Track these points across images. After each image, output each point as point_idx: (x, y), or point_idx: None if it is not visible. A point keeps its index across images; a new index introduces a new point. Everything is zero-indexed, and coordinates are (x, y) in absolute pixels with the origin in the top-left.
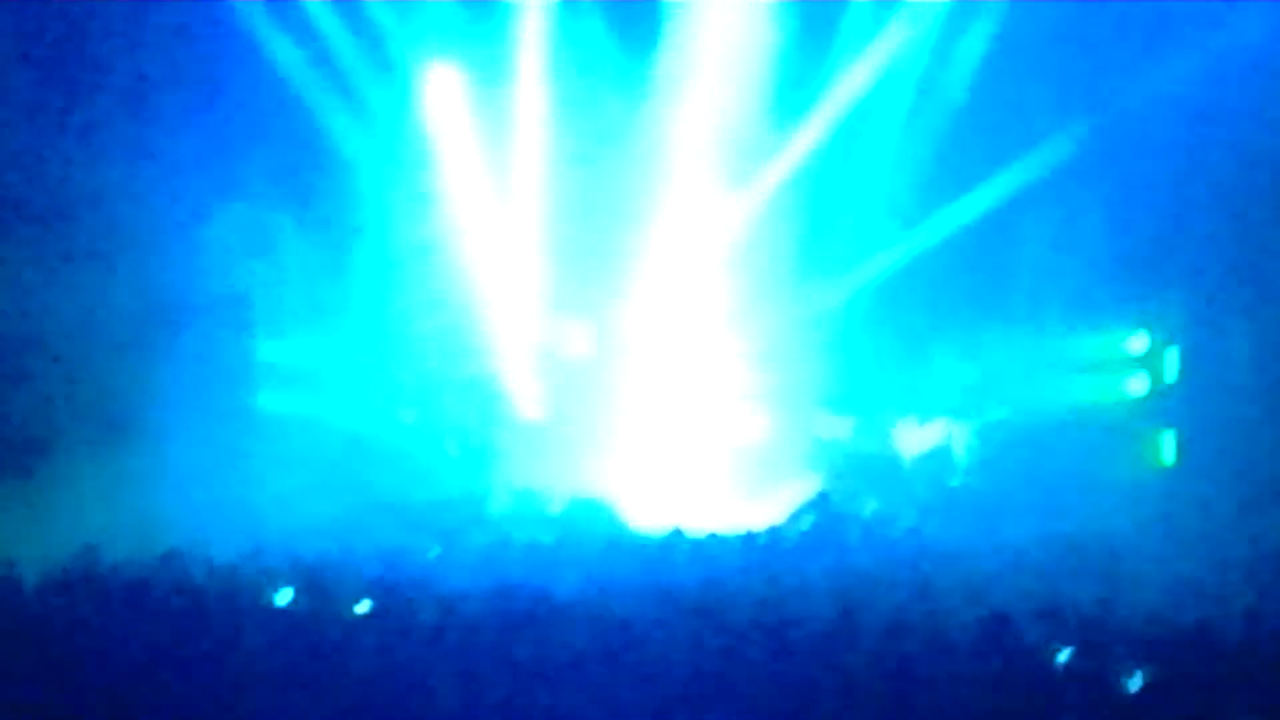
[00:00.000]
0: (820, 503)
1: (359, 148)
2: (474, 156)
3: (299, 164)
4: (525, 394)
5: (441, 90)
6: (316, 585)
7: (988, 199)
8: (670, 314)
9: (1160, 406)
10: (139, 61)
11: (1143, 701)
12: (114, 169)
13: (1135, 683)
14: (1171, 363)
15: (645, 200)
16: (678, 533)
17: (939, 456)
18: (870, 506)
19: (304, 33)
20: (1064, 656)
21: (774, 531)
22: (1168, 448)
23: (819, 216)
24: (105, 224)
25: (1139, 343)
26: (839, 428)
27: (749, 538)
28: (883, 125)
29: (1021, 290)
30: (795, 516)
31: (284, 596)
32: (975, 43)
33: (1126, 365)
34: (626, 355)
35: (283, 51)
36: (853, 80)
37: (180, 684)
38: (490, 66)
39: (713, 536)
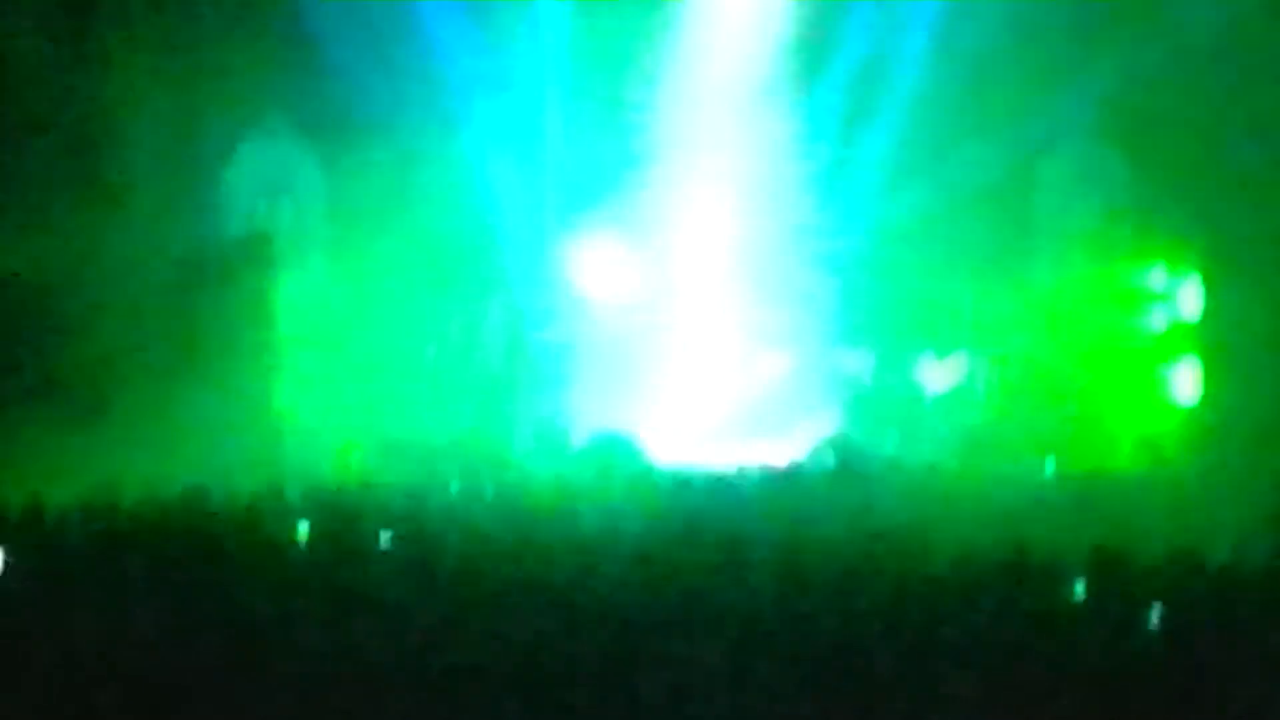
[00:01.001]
0: (841, 439)
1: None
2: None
3: (326, 94)
4: (548, 329)
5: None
6: (337, 520)
7: (1009, 137)
8: (691, 252)
9: (1181, 341)
10: None
11: (1163, 639)
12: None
13: (1154, 620)
14: (1193, 298)
15: (666, 142)
16: (699, 468)
17: (960, 392)
18: (891, 442)
19: None
20: (1083, 592)
21: (795, 467)
22: (1189, 383)
23: (839, 156)
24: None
25: (1159, 277)
26: (860, 364)
27: (770, 473)
28: (904, 67)
29: (1042, 225)
30: (816, 453)
31: (302, 531)
32: None
33: (1148, 299)
34: (648, 292)
35: None
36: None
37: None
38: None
39: (734, 472)
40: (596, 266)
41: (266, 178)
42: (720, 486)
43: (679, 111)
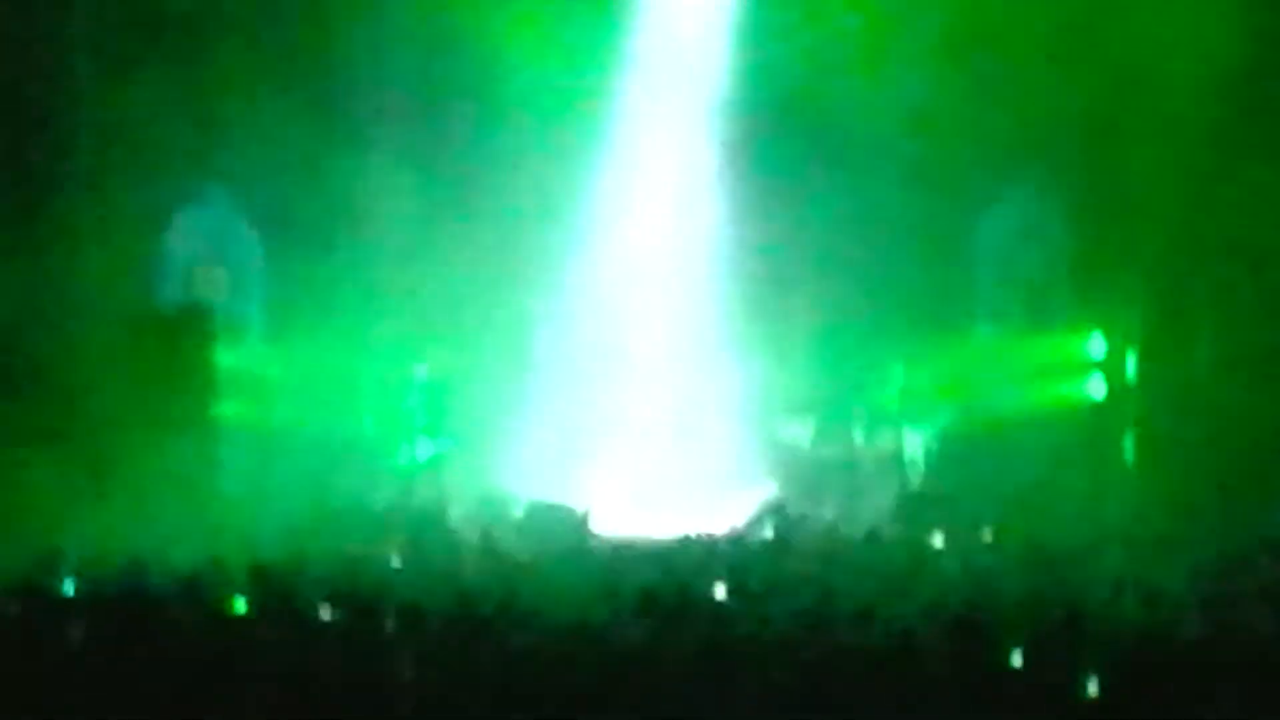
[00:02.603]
0: (779, 508)
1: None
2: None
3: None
4: (486, 398)
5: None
6: (275, 593)
7: (947, 200)
8: (630, 320)
9: (1120, 409)
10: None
11: (1103, 706)
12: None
13: (1094, 688)
14: (1130, 364)
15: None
16: (639, 538)
17: (898, 460)
18: (830, 511)
19: None
20: (1023, 661)
21: (734, 537)
22: (1128, 450)
23: (778, 219)
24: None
25: (1097, 345)
26: (798, 432)
27: (710, 543)
28: (843, 124)
29: (979, 293)
30: (755, 522)
31: (240, 604)
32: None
33: (1085, 368)
34: (588, 360)
35: None
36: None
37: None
38: None
39: (674, 541)
40: (535, 334)
41: (207, 247)
42: (661, 556)
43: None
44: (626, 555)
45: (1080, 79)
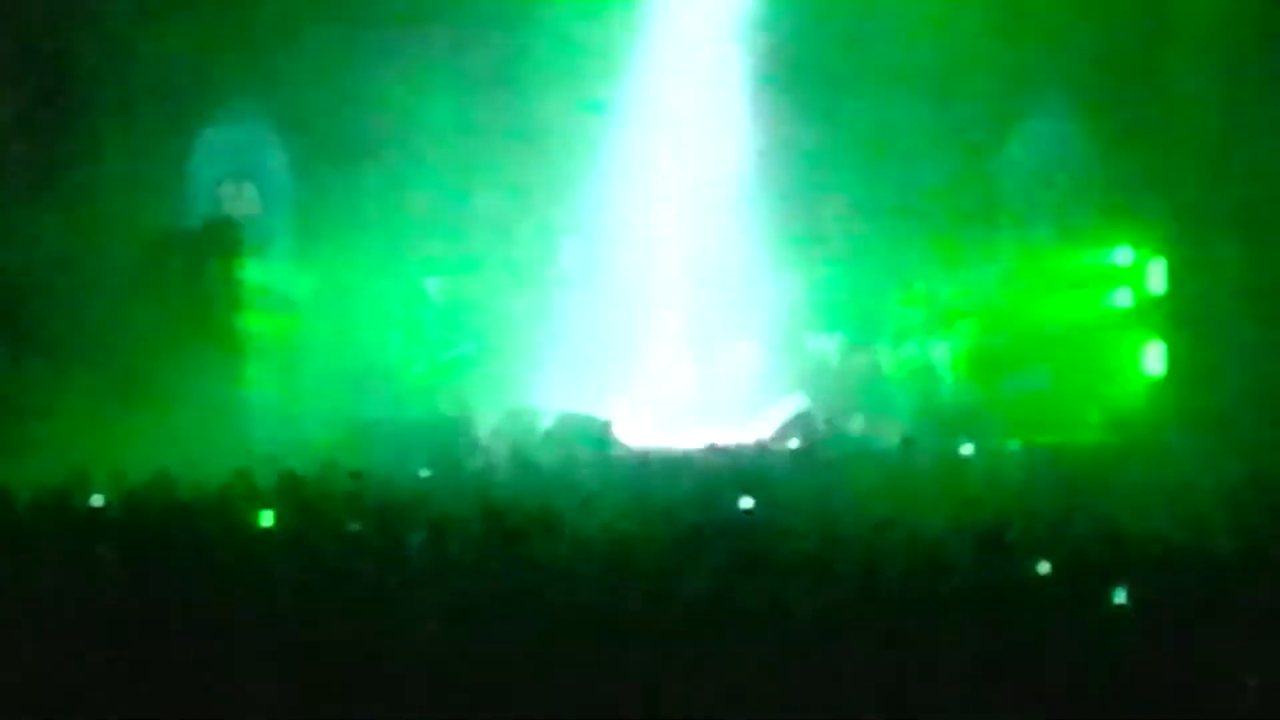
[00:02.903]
0: (807, 419)
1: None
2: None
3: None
4: (515, 313)
5: None
6: (305, 507)
7: (976, 118)
8: (661, 239)
9: (1147, 320)
10: None
11: (1130, 618)
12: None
13: (1120, 598)
14: (1157, 275)
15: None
16: (667, 450)
17: (925, 373)
18: (857, 423)
19: None
20: (1049, 571)
21: (761, 448)
22: (1155, 361)
23: (806, 140)
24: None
25: (1125, 256)
26: (826, 347)
27: (737, 453)
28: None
29: (1007, 206)
30: (782, 433)
31: (266, 518)
32: None
33: (1113, 278)
34: (617, 275)
35: None
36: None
37: (167, 605)
38: None
39: (702, 452)
40: (567, 253)
41: (233, 164)
42: (687, 466)
43: (647, 108)
44: (653, 465)
45: (1109, 6)
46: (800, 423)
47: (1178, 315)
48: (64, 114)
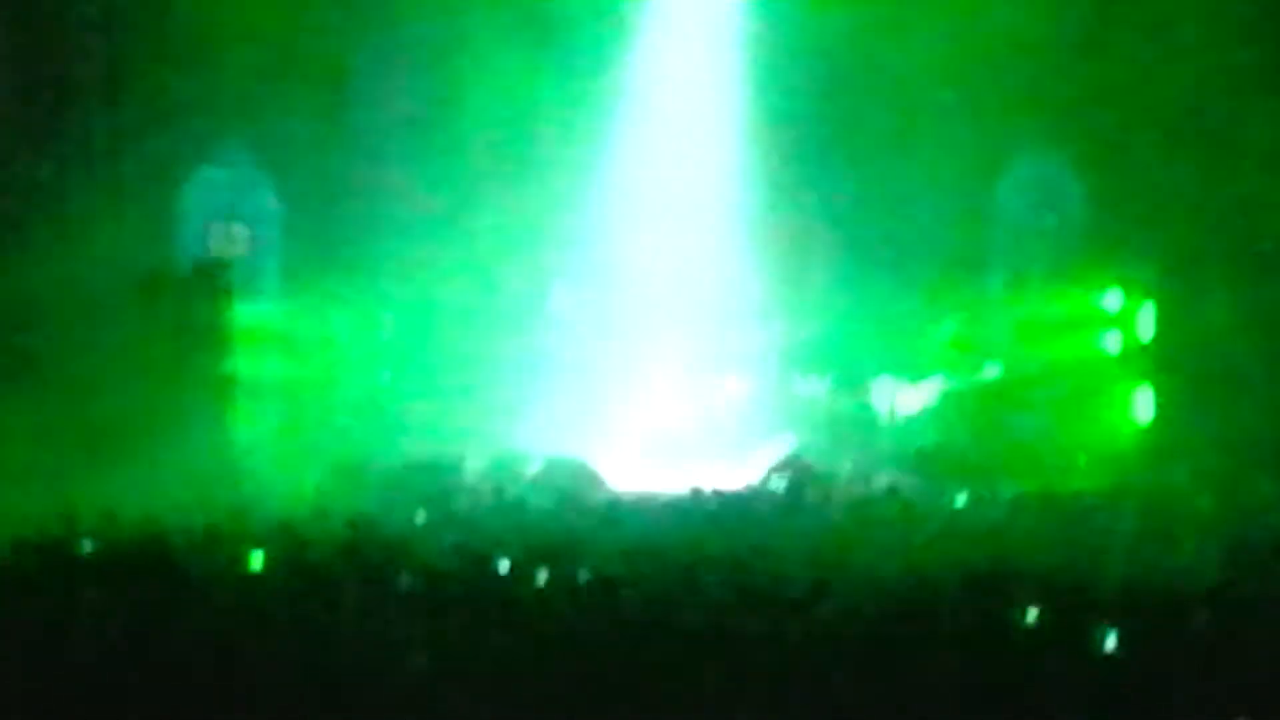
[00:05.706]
0: (795, 462)
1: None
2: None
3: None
4: (503, 355)
5: None
6: (293, 550)
7: (965, 162)
8: (648, 275)
9: (1135, 364)
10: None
11: (1116, 665)
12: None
13: (1109, 645)
14: (1146, 320)
15: (627, 164)
16: (653, 492)
17: (915, 415)
18: (845, 466)
19: None
20: (1037, 619)
21: (749, 491)
22: (1143, 405)
23: (797, 183)
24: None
25: (1114, 300)
26: (816, 388)
27: (725, 497)
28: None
29: (998, 249)
30: (770, 476)
31: (256, 561)
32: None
33: (1102, 322)
34: (605, 317)
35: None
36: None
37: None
38: None
39: (688, 496)
40: (553, 291)
41: (222, 205)
42: (675, 511)
43: (634, 136)
44: (641, 510)
45: (1098, 44)
46: (789, 465)
47: (1165, 360)
48: (53, 155)
